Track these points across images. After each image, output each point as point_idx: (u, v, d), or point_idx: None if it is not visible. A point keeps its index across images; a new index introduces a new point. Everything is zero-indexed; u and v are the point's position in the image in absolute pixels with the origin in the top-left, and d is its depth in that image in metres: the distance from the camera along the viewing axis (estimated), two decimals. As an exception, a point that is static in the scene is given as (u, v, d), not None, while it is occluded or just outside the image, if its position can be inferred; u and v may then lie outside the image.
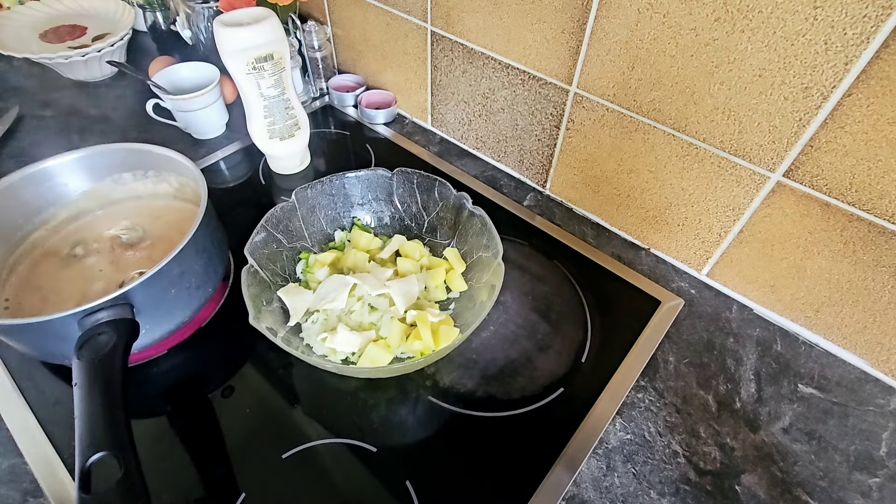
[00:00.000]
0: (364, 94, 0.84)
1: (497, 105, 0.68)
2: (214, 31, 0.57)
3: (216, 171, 0.73)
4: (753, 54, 0.43)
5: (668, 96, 0.50)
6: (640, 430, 0.47)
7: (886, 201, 0.42)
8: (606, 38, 0.51)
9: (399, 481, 0.43)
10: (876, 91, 0.39)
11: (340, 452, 0.45)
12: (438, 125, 0.80)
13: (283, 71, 0.62)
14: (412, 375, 0.50)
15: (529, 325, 0.55)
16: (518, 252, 0.62)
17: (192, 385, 0.49)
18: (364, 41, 0.82)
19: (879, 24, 0.36)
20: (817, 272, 0.50)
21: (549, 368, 0.51)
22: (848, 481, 0.44)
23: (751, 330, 0.55)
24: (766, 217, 0.51)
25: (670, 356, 0.53)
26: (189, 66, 0.77)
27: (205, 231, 0.49)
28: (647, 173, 0.57)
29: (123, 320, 0.43)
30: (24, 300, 0.51)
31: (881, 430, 0.47)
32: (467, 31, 0.64)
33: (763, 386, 0.50)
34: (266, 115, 0.65)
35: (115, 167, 0.58)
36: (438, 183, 0.56)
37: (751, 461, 0.45)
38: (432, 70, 0.73)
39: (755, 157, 0.48)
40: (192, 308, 0.52)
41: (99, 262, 0.55)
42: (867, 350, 0.51)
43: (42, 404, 0.48)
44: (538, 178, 0.71)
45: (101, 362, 0.39)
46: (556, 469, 0.44)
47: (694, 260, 0.60)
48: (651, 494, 0.43)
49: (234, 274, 0.59)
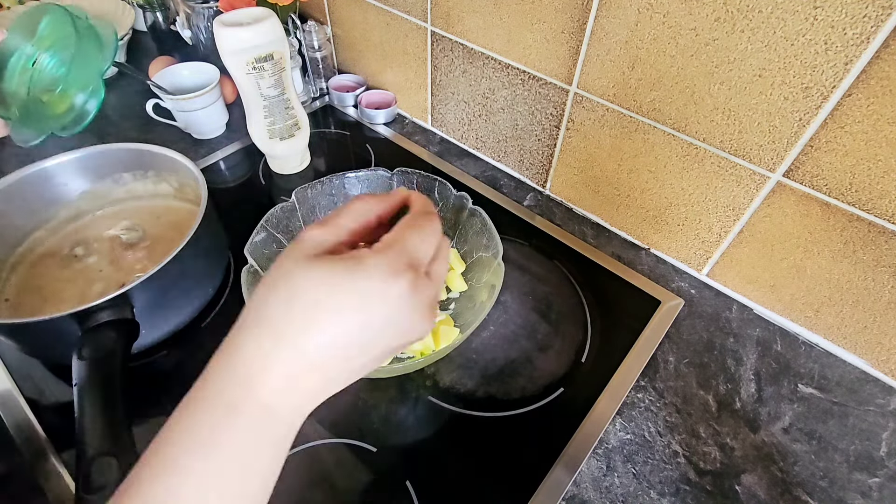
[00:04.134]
0: (364, 94, 0.84)
1: (497, 105, 0.68)
2: (214, 31, 0.57)
3: (216, 171, 0.73)
4: (753, 54, 0.43)
5: (668, 96, 0.50)
6: (640, 430, 0.47)
7: (886, 201, 0.42)
8: (606, 38, 0.51)
9: (399, 481, 0.43)
10: (876, 91, 0.39)
11: (340, 452, 0.45)
12: (438, 125, 0.80)
13: (283, 71, 0.62)
14: (412, 375, 0.50)
15: (529, 325, 0.55)
16: (518, 252, 0.62)
17: (191, 385, 0.49)
18: (364, 41, 0.82)
19: (879, 24, 0.36)
20: (817, 272, 0.50)
21: (549, 368, 0.51)
22: (848, 481, 0.44)
23: (751, 330, 0.55)
24: (766, 217, 0.51)
25: (670, 356, 0.53)
26: (189, 66, 0.77)
27: (205, 231, 0.49)
28: (647, 173, 0.57)
29: (123, 320, 0.43)
30: (24, 300, 0.51)
31: (881, 430, 0.47)
32: (467, 31, 0.64)
33: (763, 386, 0.50)
34: (266, 115, 0.65)
35: (115, 167, 0.58)
36: (438, 183, 0.56)
37: (751, 461, 0.45)
38: (432, 70, 0.73)
39: (755, 157, 0.48)
40: (192, 308, 0.52)
41: (99, 263, 0.55)
42: (867, 350, 0.51)
43: (42, 404, 0.48)
44: (538, 178, 0.71)
45: (101, 362, 0.40)
46: (556, 469, 0.44)
47: (694, 260, 0.60)
48: (651, 494, 0.43)
49: (234, 274, 0.59)
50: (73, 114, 0.37)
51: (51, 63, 0.36)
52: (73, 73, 0.35)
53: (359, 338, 0.24)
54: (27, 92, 0.36)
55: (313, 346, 0.23)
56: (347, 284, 0.24)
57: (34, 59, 0.36)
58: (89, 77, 0.36)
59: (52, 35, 0.36)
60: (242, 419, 0.23)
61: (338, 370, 0.25)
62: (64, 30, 0.36)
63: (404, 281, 0.24)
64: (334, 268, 0.24)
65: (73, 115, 0.37)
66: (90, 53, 0.36)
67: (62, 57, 0.36)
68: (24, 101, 0.36)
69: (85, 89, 0.37)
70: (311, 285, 0.24)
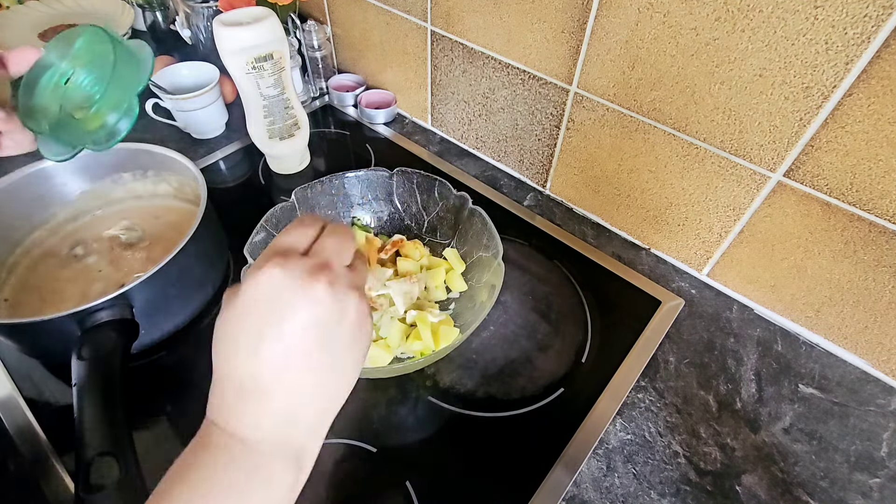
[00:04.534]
0: (364, 93, 0.84)
1: (497, 105, 0.68)
2: (214, 31, 0.57)
3: (216, 171, 0.73)
4: (754, 54, 0.43)
5: (668, 96, 0.50)
6: (641, 431, 0.47)
7: (887, 201, 0.42)
8: (607, 37, 0.51)
9: (399, 481, 0.43)
10: (877, 91, 0.39)
11: (340, 452, 0.45)
12: (438, 125, 0.80)
13: (283, 71, 0.62)
14: (412, 375, 0.50)
15: (529, 325, 0.55)
16: (518, 252, 0.62)
17: (192, 385, 0.49)
18: (364, 41, 0.82)
19: (880, 23, 0.36)
20: (818, 272, 0.50)
21: (550, 368, 0.51)
22: (848, 482, 0.44)
23: (751, 330, 0.55)
24: (767, 217, 0.50)
25: (671, 356, 0.53)
26: (188, 65, 0.76)
27: (204, 231, 0.49)
28: (648, 173, 0.57)
29: (123, 320, 0.43)
30: (23, 300, 0.51)
31: (882, 431, 0.47)
32: (467, 30, 0.64)
33: (763, 386, 0.50)
34: (266, 114, 0.65)
35: (115, 167, 0.58)
36: (438, 183, 0.56)
37: (751, 461, 0.45)
38: (432, 70, 0.73)
39: (756, 157, 0.48)
40: (191, 308, 0.52)
41: (98, 263, 0.55)
42: (868, 350, 0.51)
43: (42, 404, 0.48)
44: (538, 177, 0.71)
45: (100, 362, 0.40)
46: (556, 469, 0.44)
47: (694, 260, 0.60)
48: (651, 495, 0.43)
49: (233, 274, 0.59)
50: (104, 131, 0.38)
51: (86, 80, 0.37)
52: (109, 93, 0.36)
53: (311, 339, 0.25)
54: (59, 108, 0.36)
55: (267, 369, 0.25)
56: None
57: (67, 77, 0.37)
58: (124, 96, 0.37)
59: (88, 53, 0.37)
60: (217, 453, 0.24)
61: (312, 376, 0.26)
62: (100, 48, 0.36)
63: (315, 278, 0.25)
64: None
65: (104, 133, 0.38)
66: (126, 73, 0.36)
67: (98, 75, 0.36)
68: (56, 117, 0.36)
69: (119, 108, 0.37)
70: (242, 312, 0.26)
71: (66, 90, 0.36)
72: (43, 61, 0.36)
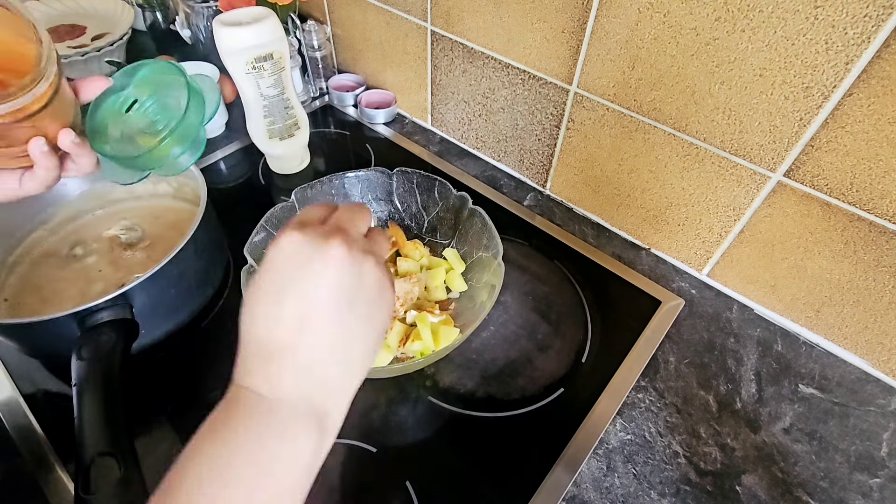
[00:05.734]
0: (364, 93, 0.84)
1: (497, 105, 0.68)
2: (214, 31, 0.57)
3: (216, 171, 0.73)
4: (754, 54, 0.43)
5: (668, 96, 0.50)
6: (641, 431, 0.47)
7: (887, 201, 0.42)
8: (607, 37, 0.51)
9: (399, 481, 0.43)
10: (877, 91, 0.39)
11: (340, 452, 0.45)
12: (438, 125, 0.80)
13: (283, 70, 0.62)
14: (412, 375, 0.50)
15: (529, 325, 0.55)
16: (518, 252, 0.62)
17: (191, 385, 0.49)
18: (364, 41, 0.82)
19: (880, 23, 0.36)
20: (818, 272, 0.50)
21: (550, 368, 0.51)
22: (849, 482, 0.44)
23: (751, 330, 0.55)
24: (767, 217, 0.50)
25: (671, 356, 0.53)
26: (188, 65, 0.76)
27: (204, 231, 0.49)
28: (648, 173, 0.57)
29: (123, 320, 0.43)
30: (23, 300, 0.51)
31: (882, 431, 0.47)
32: (467, 30, 0.64)
33: (764, 386, 0.50)
34: (266, 114, 0.65)
35: (115, 167, 0.58)
36: (438, 183, 0.56)
37: (751, 461, 0.45)
38: (432, 70, 0.73)
39: (756, 157, 0.48)
40: (191, 308, 0.52)
41: (98, 263, 0.55)
42: (868, 350, 0.51)
43: (42, 404, 0.48)
44: (538, 177, 0.71)
45: (100, 362, 0.40)
46: (556, 469, 0.44)
47: (694, 260, 0.60)
48: (651, 495, 0.43)
49: (233, 274, 0.59)
50: (169, 160, 0.39)
51: (151, 107, 0.38)
52: (179, 128, 0.37)
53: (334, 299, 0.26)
54: (120, 133, 0.37)
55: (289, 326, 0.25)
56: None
57: (130, 104, 0.37)
58: (190, 131, 0.38)
59: (151, 83, 0.38)
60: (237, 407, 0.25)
61: (330, 336, 0.26)
62: (165, 78, 0.38)
63: (334, 241, 0.27)
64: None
65: (168, 162, 0.39)
66: (194, 108, 0.37)
67: (163, 102, 0.37)
68: (118, 140, 0.37)
69: (184, 143, 0.38)
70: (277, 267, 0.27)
71: (129, 116, 0.38)
72: (109, 88, 0.37)
